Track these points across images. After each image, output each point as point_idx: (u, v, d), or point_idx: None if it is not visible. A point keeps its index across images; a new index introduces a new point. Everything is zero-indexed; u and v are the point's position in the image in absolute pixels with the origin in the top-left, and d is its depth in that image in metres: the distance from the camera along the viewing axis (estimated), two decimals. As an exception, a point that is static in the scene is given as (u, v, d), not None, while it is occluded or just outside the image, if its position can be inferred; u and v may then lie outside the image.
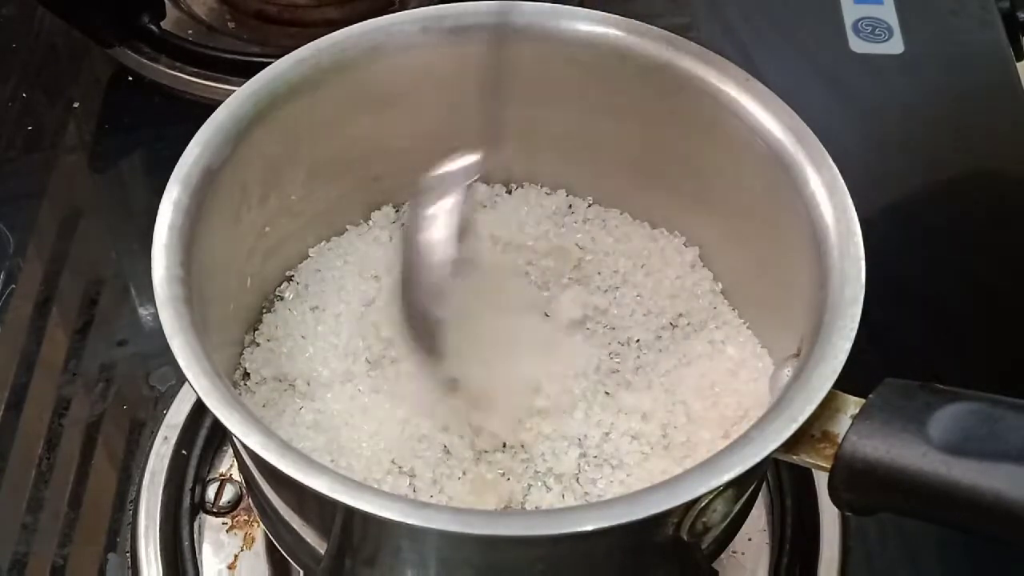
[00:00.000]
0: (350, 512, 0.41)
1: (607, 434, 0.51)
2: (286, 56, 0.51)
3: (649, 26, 0.52)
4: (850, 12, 0.82)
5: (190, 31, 0.79)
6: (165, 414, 0.61)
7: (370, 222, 0.58)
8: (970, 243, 0.71)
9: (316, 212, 0.55)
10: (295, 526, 0.48)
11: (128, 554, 0.57)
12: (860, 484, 0.41)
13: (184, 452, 0.60)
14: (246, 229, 0.51)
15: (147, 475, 0.59)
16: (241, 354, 0.53)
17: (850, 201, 0.46)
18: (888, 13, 0.81)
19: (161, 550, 0.57)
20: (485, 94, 0.48)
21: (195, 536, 0.58)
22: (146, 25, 0.77)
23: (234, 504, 0.59)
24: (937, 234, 0.71)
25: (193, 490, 0.59)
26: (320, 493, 0.39)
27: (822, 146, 0.48)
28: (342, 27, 0.52)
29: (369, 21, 0.52)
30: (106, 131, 0.76)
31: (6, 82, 0.78)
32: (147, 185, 0.47)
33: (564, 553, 0.43)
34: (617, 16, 0.52)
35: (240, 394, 0.51)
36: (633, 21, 0.52)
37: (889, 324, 0.65)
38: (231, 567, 0.57)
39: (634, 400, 0.52)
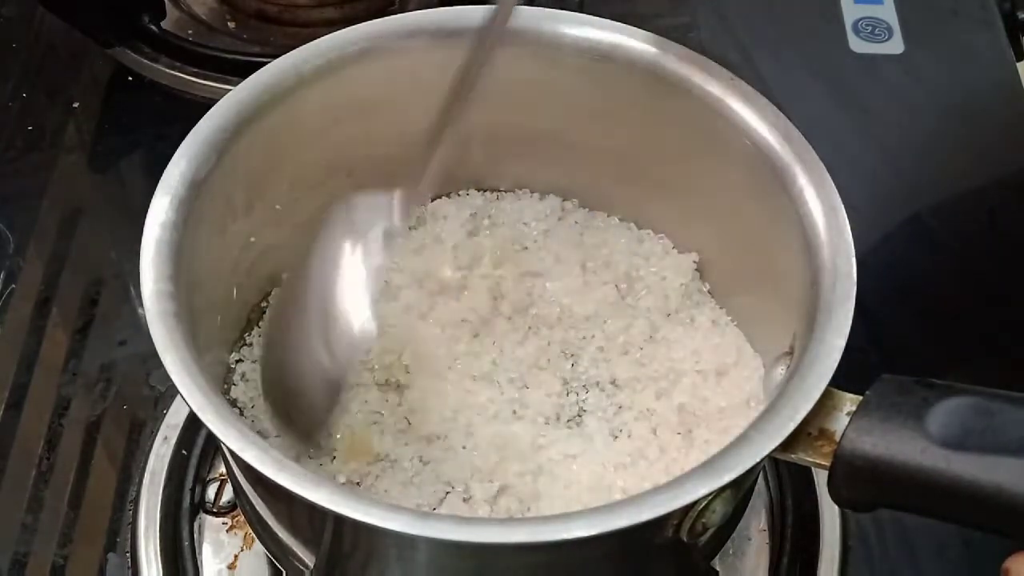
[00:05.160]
0: (341, 522, 0.41)
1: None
2: (269, 64, 0.50)
3: (635, 28, 0.52)
4: (850, 12, 0.82)
5: (190, 31, 0.79)
6: (165, 414, 0.61)
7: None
8: (969, 242, 0.71)
9: (299, 221, 0.55)
10: (283, 537, 0.48)
11: (128, 554, 0.58)
12: (860, 481, 0.41)
13: (184, 452, 0.60)
14: (231, 240, 0.51)
15: (147, 475, 0.59)
16: (231, 367, 0.53)
17: (838, 198, 0.46)
18: (888, 13, 0.82)
19: (161, 550, 0.57)
20: (474, 99, 0.48)
21: (195, 536, 0.58)
22: (146, 25, 0.77)
23: (234, 504, 0.59)
24: (936, 233, 0.71)
25: (193, 490, 0.59)
26: (319, 505, 0.39)
27: (808, 144, 0.48)
28: (342, 27, 0.52)
29: (356, 26, 0.52)
30: (106, 131, 0.76)
31: (6, 82, 0.78)
32: (147, 185, 0.46)
33: (564, 557, 0.43)
34: (604, 19, 0.52)
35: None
36: (619, 23, 0.52)
37: (887, 322, 0.65)
38: (231, 567, 0.57)
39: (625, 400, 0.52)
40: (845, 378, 0.42)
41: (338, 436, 0.50)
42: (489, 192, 0.58)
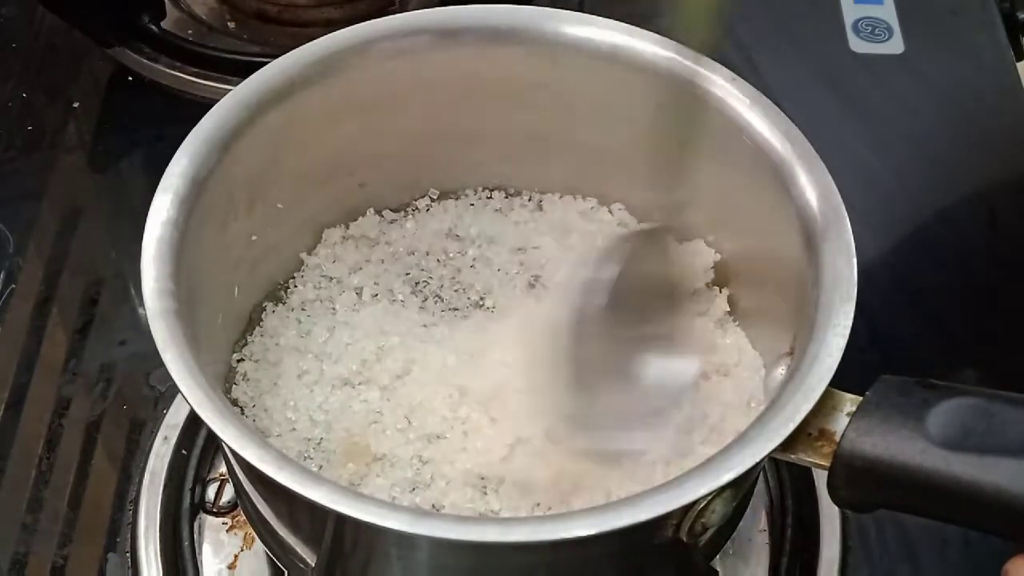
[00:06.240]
0: (341, 521, 0.41)
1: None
2: (271, 63, 0.51)
3: (637, 28, 0.52)
4: (850, 12, 0.82)
5: (190, 31, 0.79)
6: (165, 414, 0.61)
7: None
8: (969, 242, 0.71)
9: (301, 220, 0.55)
10: (284, 536, 0.48)
11: (128, 554, 0.57)
12: (859, 481, 0.41)
13: (184, 452, 0.60)
14: (233, 239, 0.51)
15: (147, 475, 0.59)
16: (232, 366, 0.53)
17: (840, 199, 0.46)
18: (888, 13, 0.82)
19: (161, 550, 0.57)
20: (477, 99, 0.49)
21: (195, 536, 0.58)
22: (146, 25, 0.77)
23: (234, 504, 0.59)
24: (936, 233, 0.71)
25: (193, 490, 0.59)
26: (319, 504, 0.39)
27: (810, 144, 0.48)
28: (342, 27, 0.52)
29: (356, 26, 0.52)
30: (106, 131, 0.76)
31: (6, 82, 0.78)
32: (147, 185, 0.46)
33: (563, 557, 0.43)
34: (605, 19, 0.52)
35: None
36: (620, 23, 0.52)
37: (887, 322, 0.65)
38: (231, 567, 0.57)
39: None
40: (845, 378, 0.42)
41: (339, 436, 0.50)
42: (497, 191, 0.59)
